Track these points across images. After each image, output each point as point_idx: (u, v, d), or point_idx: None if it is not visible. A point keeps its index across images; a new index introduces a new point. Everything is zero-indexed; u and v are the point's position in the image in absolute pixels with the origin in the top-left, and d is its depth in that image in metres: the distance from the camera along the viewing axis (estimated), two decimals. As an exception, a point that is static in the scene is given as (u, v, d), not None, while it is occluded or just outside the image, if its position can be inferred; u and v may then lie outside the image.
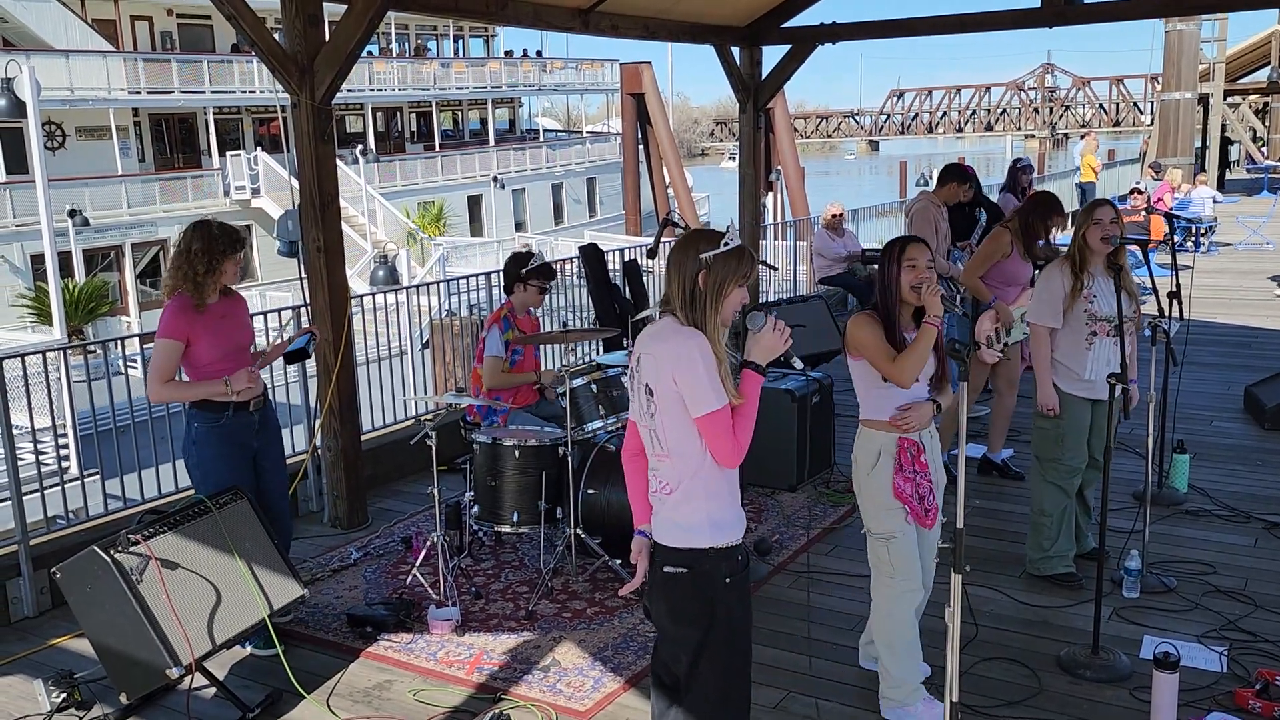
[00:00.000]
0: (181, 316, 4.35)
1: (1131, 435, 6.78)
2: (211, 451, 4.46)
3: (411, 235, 28.92)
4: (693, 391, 2.82)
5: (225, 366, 4.43)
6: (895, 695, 3.91)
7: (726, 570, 2.91)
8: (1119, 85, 62.79)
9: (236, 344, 4.54)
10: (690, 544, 2.91)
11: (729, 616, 2.93)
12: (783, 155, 26.55)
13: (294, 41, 5.73)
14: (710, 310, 2.85)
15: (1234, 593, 4.89)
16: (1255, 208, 20.63)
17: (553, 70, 42.57)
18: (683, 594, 2.94)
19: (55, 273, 12.08)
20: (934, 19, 9.04)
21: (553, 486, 5.23)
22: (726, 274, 2.85)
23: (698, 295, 2.85)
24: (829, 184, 58.97)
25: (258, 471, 4.63)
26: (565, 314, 9.96)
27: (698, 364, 2.80)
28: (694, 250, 2.87)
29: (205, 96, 29.42)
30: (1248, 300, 12.27)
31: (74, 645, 4.75)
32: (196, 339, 4.37)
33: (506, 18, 7.22)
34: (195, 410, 4.45)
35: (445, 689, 4.32)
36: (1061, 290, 4.79)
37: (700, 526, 2.91)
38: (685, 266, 2.87)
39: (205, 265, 4.34)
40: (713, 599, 2.91)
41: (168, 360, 4.34)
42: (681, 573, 2.92)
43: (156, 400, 4.54)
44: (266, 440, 4.66)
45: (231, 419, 4.46)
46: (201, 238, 4.37)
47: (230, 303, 4.58)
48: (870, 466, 3.87)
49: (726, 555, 2.92)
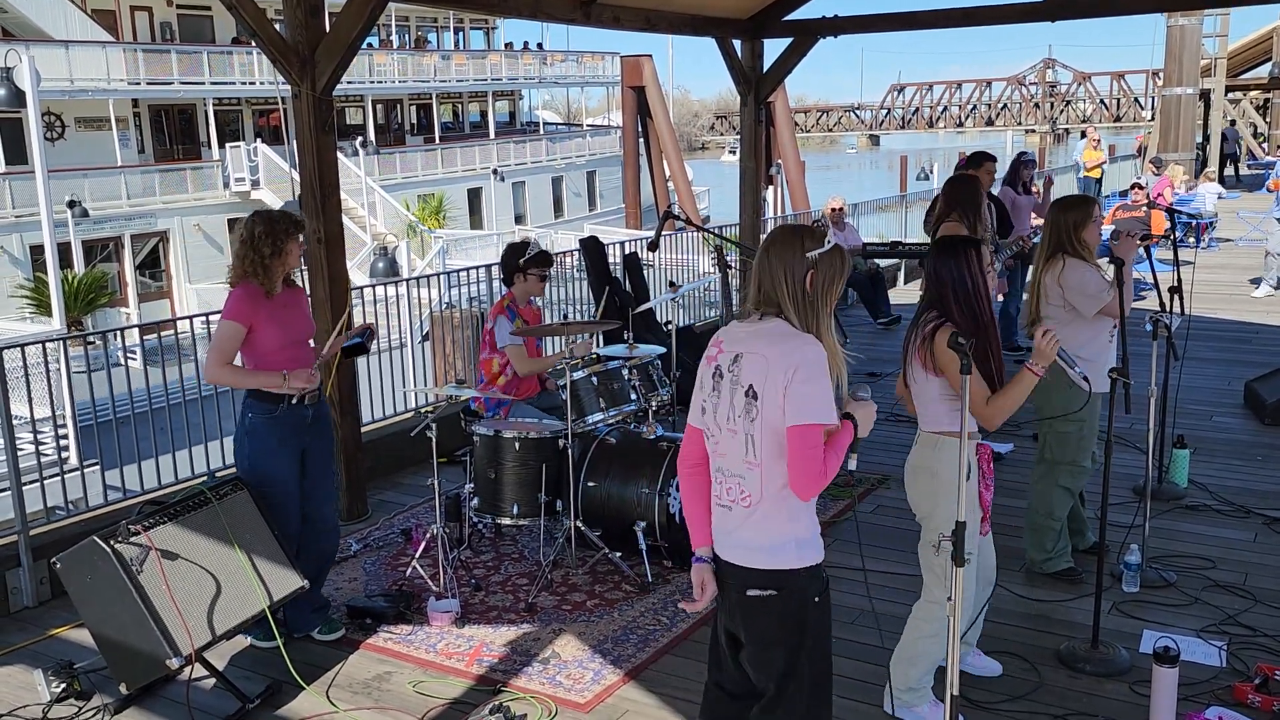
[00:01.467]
0: (247, 301, 4.32)
1: (1131, 430, 6.77)
2: (263, 444, 4.43)
3: (411, 227, 28.90)
4: (802, 398, 2.65)
5: (285, 356, 4.40)
6: (906, 698, 3.89)
7: (816, 589, 2.80)
8: (1120, 80, 62.77)
9: (298, 336, 4.51)
10: (777, 565, 2.76)
11: (818, 632, 2.83)
12: (783, 149, 26.55)
13: (295, 32, 5.71)
14: (823, 311, 2.75)
15: (1233, 587, 4.89)
16: (1256, 203, 20.61)
17: (553, 63, 42.49)
18: (772, 617, 2.79)
19: (54, 264, 12.07)
20: (936, 12, 9.02)
21: (553, 479, 5.23)
22: (833, 273, 2.75)
23: (807, 297, 2.73)
24: (829, 178, 58.90)
25: (305, 465, 4.58)
26: (566, 306, 9.96)
27: (820, 375, 2.67)
28: (800, 248, 2.74)
29: (205, 88, 29.36)
30: (1248, 296, 12.26)
31: (74, 635, 4.75)
32: (260, 326, 4.34)
33: (507, 9, 7.21)
34: (252, 400, 4.42)
35: (445, 681, 4.32)
36: (1104, 278, 4.65)
37: (787, 545, 2.76)
38: (793, 266, 2.73)
39: (270, 247, 4.31)
40: (804, 619, 2.79)
41: (230, 342, 4.32)
42: (770, 595, 2.77)
43: (211, 380, 4.52)
44: (316, 434, 4.61)
45: (286, 411, 4.42)
46: (263, 221, 4.36)
47: (294, 293, 4.55)
48: (965, 474, 3.58)
49: (814, 573, 2.81)
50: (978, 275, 3.63)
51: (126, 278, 26.56)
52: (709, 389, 2.84)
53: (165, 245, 27.58)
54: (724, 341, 2.84)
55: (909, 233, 17.01)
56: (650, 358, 5.80)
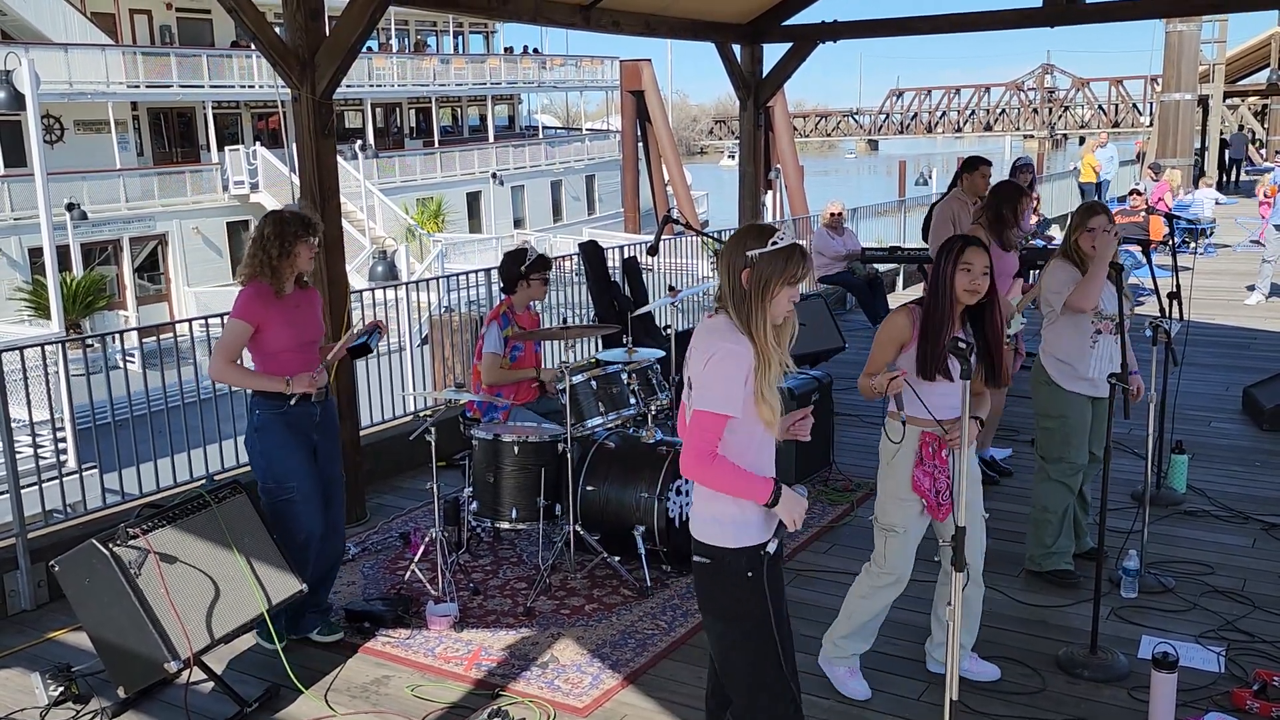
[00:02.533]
0: (257, 301, 4.31)
1: (1130, 435, 6.79)
2: (276, 439, 4.41)
3: (410, 231, 28.90)
4: (705, 386, 2.81)
5: (292, 358, 4.39)
6: (828, 649, 4.18)
7: (748, 565, 2.90)
8: (1118, 86, 62.84)
9: (307, 338, 4.50)
10: (711, 540, 2.92)
11: (751, 610, 2.92)
12: (782, 154, 26.55)
13: (295, 35, 5.72)
14: (756, 309, 2.80)
15: (1232, 593, 4.90)
16: (1254, 209, 20.63)
17: (552, 67, 42.53)
18: (706, 584, 2.97)
19: (53, 266, 12.06)
20: (935, 18, 9.04)
21: (552, 483, 5.23)
22: (772, 273, 2.78)
23: (744, 294, 2.81)
24: (828, 183, 58.95)
25: (318, 466, 4.56)
26: (565, 311, 9.96)
27: (727, 367, 2.78)
28: (742, 246, 2.82)
29: (204, 91, 29.38)
30: (1245, 302, 12.26)
31: (71, 639, 4.74)
32: (268, 325, 4.33)
33: (507, 13, 7.21)
34: (259, 398, 4.40)
35: (443, 685, 4.31)
36: (1074, 279, 4.74)
37: (721, 523, 2.90)
38: (733, 262, 2.83)
39: (278, 249, 4.30)
40: (734, 593, 2.92)
41: (236, 341, 4.31)
42: (705, 563, 2.95)
43: (215, 378, 4.52)
44: (324, 434, 4.60)
45: (294, 408, 4.40)
46: (273, 222, 4.35)
47: (305, 295, 4.53)
48: (890, 457, 3.92)
49: (747, 552, 2.90)
50: (949, 271, 3.74)
51: (125, 280, 26.56)
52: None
53: (164, 248, 27.58)
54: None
55: (907, 237, 17.02)
56: (649, 362, 5.80)
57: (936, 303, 3.77)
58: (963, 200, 7.18)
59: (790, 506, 2.86)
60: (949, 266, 3.74)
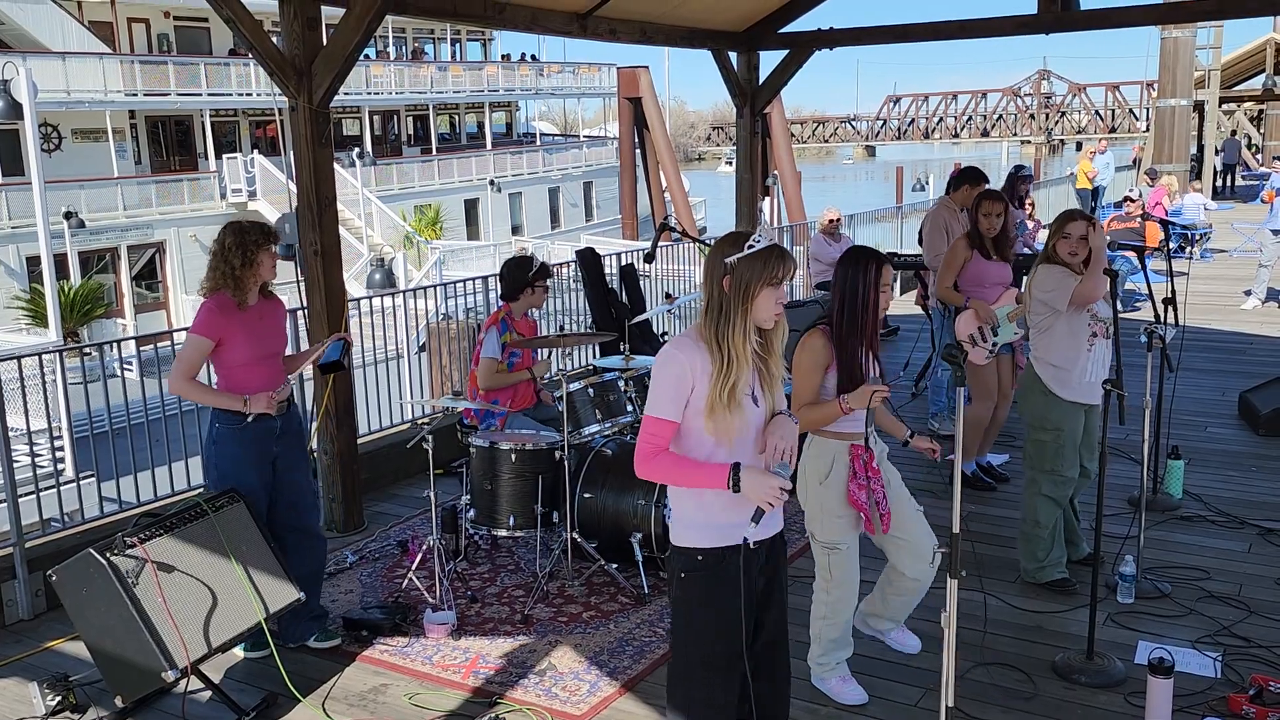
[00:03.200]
0: (218, 314, 4.33)
1: (1126, 441, 6.80)
2: (231, 453, 4.44)
3: (408, 238, 28.92)
4: (651, 391, 2.89)
5: (255, 371, 4.41)
6: (815, 668, 4.21)
7: (681, 565, 2.97)
8: (1115, 92, 62.97)
9: (270, 350, 4.51)
10: (672, 536, 3.03)
11: (682, 610, 3.00)
12: (779, 160, 26.61)
13: (292, 45, 5.73)
14: (737, 314, 2.81)
15: (1228, 598, 4.90)
16: (1250, 214, 20.68)
17: (550, 74, 42.57)
18: (667, 569, 3.11)
19: (51, 275, 12.07)
20: (931, 25, 9.07)
21: (549, 490, 5.24)
22: (752, 276, 2.80)
23: (724, 300, 2.82)
24: (825, 189, 59.00)
25: (278, 475, 4.58)
26: (562, 318, 9.96)
27: (667, 372, 2.83)
28: (720, 254, 2.84)
29: (202, 99, 29.39)
30: (1242, 307, 12.29)
31: (69, 648, 4.74)
32: (231, 338, 4.35)
33: (504, 21, 7.23)
34: (218, 411, 4.43)
35: (441, 693, 4.31)
36: (1069, 283, 4.71)
37: (676, 522, 3.01)
38: (713, 271, 2.85)
39: (241, 259, 4.33)
40: (672, 585, 3.02)
41: (195, 355, 4.33)
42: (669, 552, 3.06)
43: (174, 393, 4.53)
44: (287, 445, 4.60)
45: (253, 422, 4.43)
46: (234, 232, 4.37)
47: (269, 305, 4.55)
48: (823, 476, 3.94)
49: (684, 553, 2.96)
50: (872, 283, 3.74)
51: (123, 289, 26.55)
52: None
53: (162, 256, 27.57)
54: None
55: (905, 244, 17.03)
56: (646, 369, 5.81)
57: (856, 322, 3.76)
58: (952, 209, 7.23)
59: (757, 487, 2.74)
60: (870, 290, 3.75)
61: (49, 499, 5.87)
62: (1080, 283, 4.67)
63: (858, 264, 3.78)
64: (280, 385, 4.50)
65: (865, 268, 3.76)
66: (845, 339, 3.77)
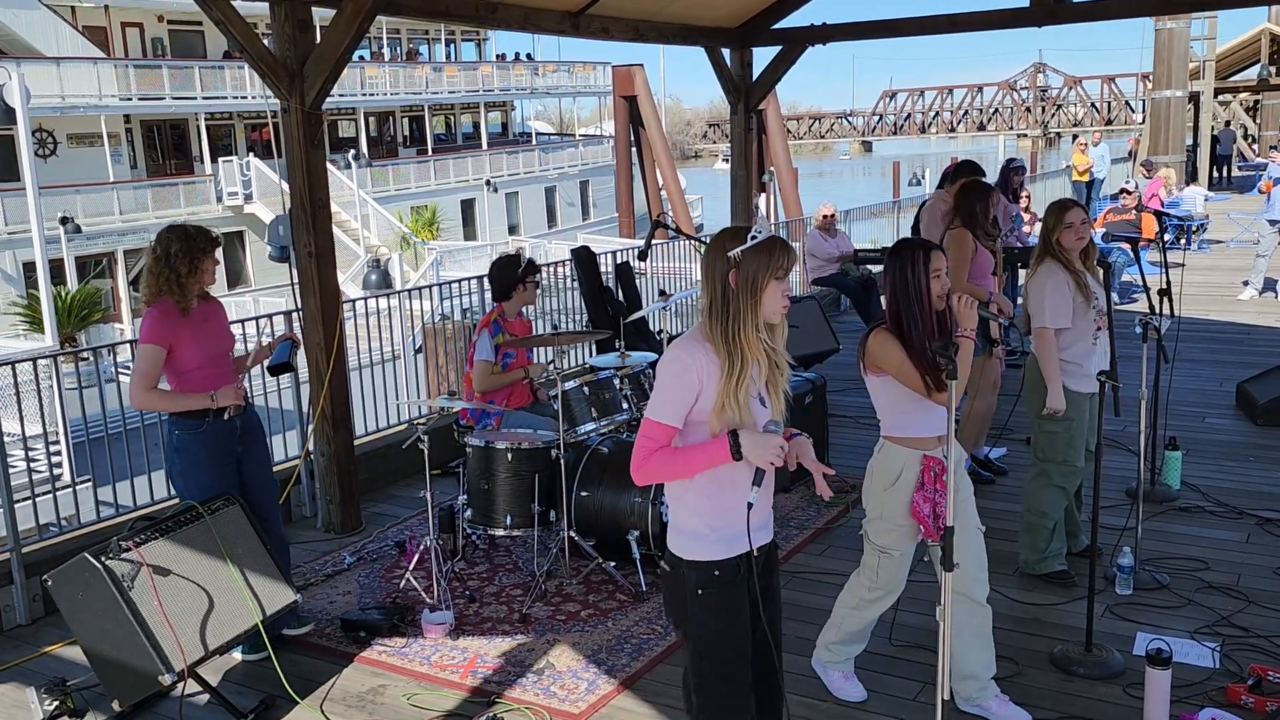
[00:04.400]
0: (164, 321, 4.33)
1: (1124, 432, 6.80)
2: (194, 458, 4.45)
3: (405, 239, 28.91)
4: (653, 393, 2.81)
5: (208, 373, 4.42)
6: (822, 654, 4.17)
7: (697, 582, 2.84)
8: (1110, 84, 62.98)
9: (219, 349, 4.53)
10: (673, 547, 2.91)
11: (701, 628, 2.88)
12: (775, 156, 26.60)
13: (284, 47, 5.72)
14: (746, 309, 2.72)
15: (1226, 588, 4.90)
16: (1246, 205, 20.69)
17: (545, 73, 42.56)
18: (667, 590, 2.98)
19: (47, 280, 12.05)
20: (924, 19, 9.06)
21: (546, 489, 5.23)
22: (758, 268, 2.71)
23: (730, 296, 2.73)
24: (822, 185, 59.02)
25: (242, 476, 4.61)
26: (557, 317, 9.96)
27: (670, 373, 2.75)
28: (722, 249, 2.75)
29: (197, 102, 29.39)
30: (1239, 297, 12.29)
31: (67, 653, 4.74)
32: (180, 344, 4.36)
33: (496, 21, 7.23)
34: (175, 418, 4.44)
35: (439, 693, 4.31)
36: (1069, 290, 4.71)
37: (679, 533, 2.89)
38: (715, 268, 2.75)
39: (187, 265, 4.33)
40: (685, 605, 2.88)
41: (151, 366, 4.32)
42: (666, 570, 2.94)
43: (139, 407, 4.55)
44: (248, 445, 4.63)
45: (211, 426, 4.45)
46: (179, 239, 4.36)
47: (209, 307, 4.56)
48: (890, 483, 3.78)
49: (699, 568, 2.84)
50: (921, 277, 3.62)
51: (120, 293, 26.53)
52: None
53: (156, 261, 27.52)
54: None
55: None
56: (642, 367, 5.81)
57: (916, 315, 3.63)
58: (948, 202, 7.21)
59: (758, 449, 2.68)
60: (921, 275, 3.61)
61: (45, 504, 5.87)
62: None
63: (904, 256, 3.65)
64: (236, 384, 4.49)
65: (913, 258, 3.62)
66: (908, 336, 3.63)
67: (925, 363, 3.60)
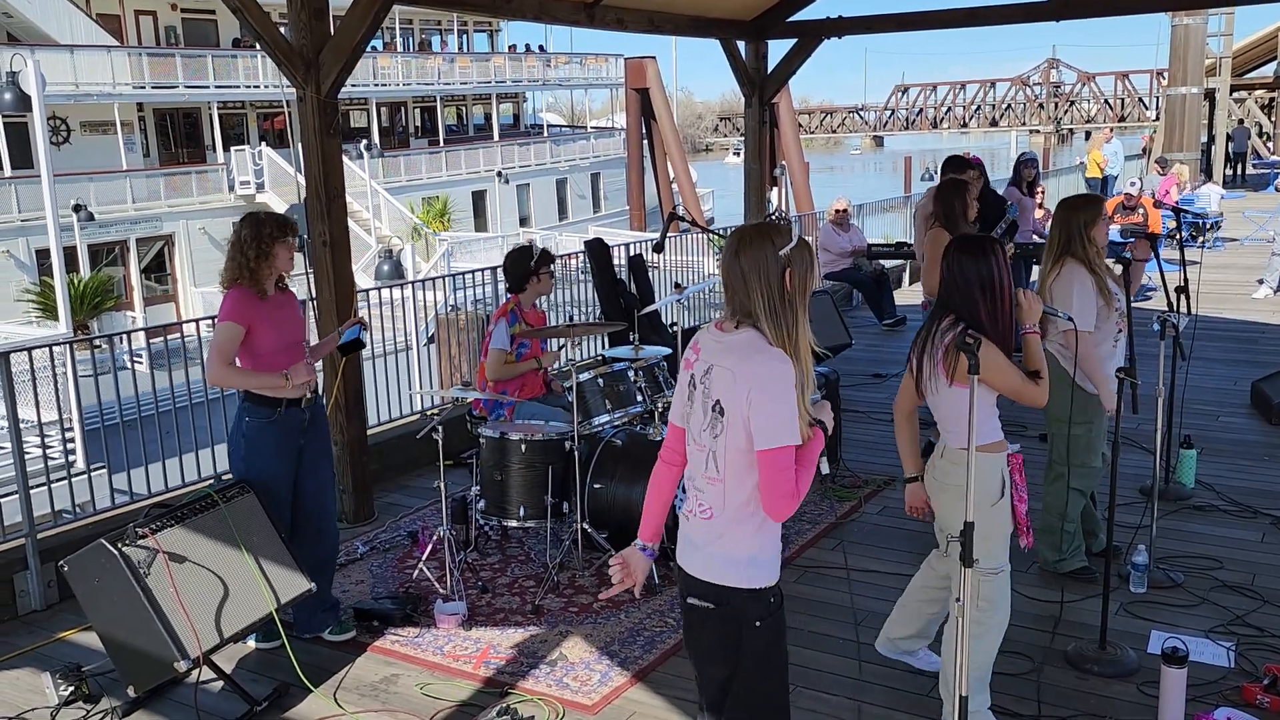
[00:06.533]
0: (243, 302, 4.35)
1: (1138, 431, 6.77)
2: (259, 447, 4.45)
3: (416, 230, 28.93)
4: (768, 421, 2.54)
5: (282, 358, 4.41)
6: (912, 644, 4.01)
7: (757, 613, 2.67)
8: (1124, 80, 62.62)
9: (291, 338, 4.52)
10: (719, 579, 2.67)
11: (760, 659, 2.70)
12: (787, 150, 26.54)
13: (300, 35, 5.72)
14: (800, 312, 2.59)
15: (1241, 588, 4.88)
16: (1261, 203, 20.58)
17: (557, 65, 42.52)
18: (709, 631, 2.73)
19: (60, 267, 12.07)
20: (941, 13, 9.02)
21: (559, 481, 5.23)
22: (806, 267, 2.59)
23: (786, 298, 2.57)
24: (833, 179, 58.92)
25: (302, 467, 4.59)
26: (571, 309, 9.95)
27: (786, 395, 2.53)
28: (770, 247, 2.57)
29: (209, 91, 29.43)
30: (1254, 295, 12.22)
31: (81, 638, 4.76)
32: (256, 326, 4.36)
33: (511, 11, 7.22)
34: (249, 404, 4.44)
35: (452, 683, 4.32)
36: (1093, 293, 4.62)
37: (737, 564, 2.66)
38: (767, 268, 2.55)
39: (255, 251, 4.34)
40: (739, 640, 2.69)
41: (229, 343, 4.33)
42: (708, 608, 2.70)
43: (215, 383, 4.56)
44: (313, 437, 4.62)
45: (283, 415, 4.44)
46: (250, 226, 4.38)
47: (285, 296, 4.56)
48: (998, 496, 3.58)
49: (758, 597, 2.67)
50: (1005, 272, 3.47)
51: (132, 281, 26.62)
52: (685, 396, 2.77)
53: (170, 249, 27.64)
54: (700, 349, 2.73)
55: (913, 233, 16.99)
56: (656, 359, 5.80)
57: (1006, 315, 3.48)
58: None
59: (828, 417, 2.68)
60: (1004, 273, 3.44)
61: (60, 490, 5.89)
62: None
63: (976, 254, 3.47)
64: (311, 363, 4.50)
65: (985, 252, 3.47)
66: (1003, 335, 3.47)
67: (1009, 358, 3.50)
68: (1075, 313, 4.47)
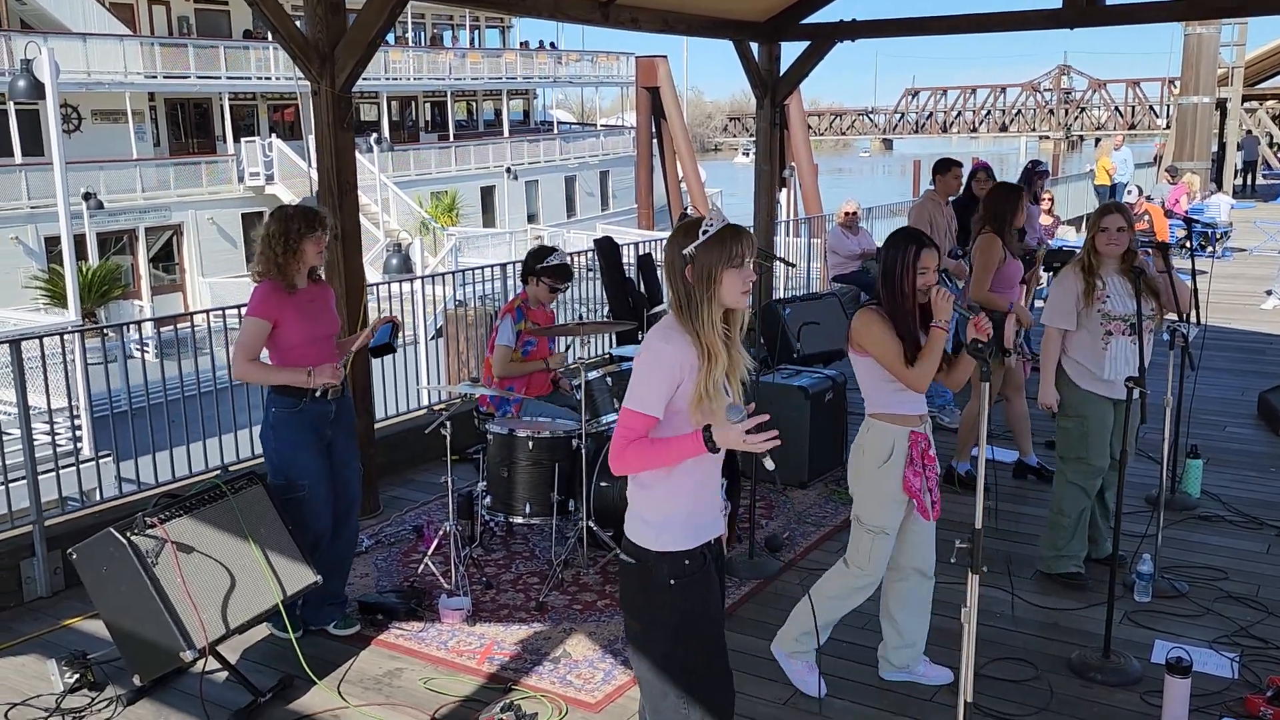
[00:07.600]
0: (271, 298, 4.35)
1: (1145, 440, 6.76)
2: (290, 437, 4.45)
3: (425, 225, 28.95)
4: (631, 383, 2.79)
5: (310, 352, 4.41)
6: (790, 646, 4.15)
7: (670, 572, 2.82)
8: (1135, 88, 62.48)
9: (321, 332, 4.52)
10: (637, 539, 2.86)
11: (670, 617, 2.84)
12: (796, 152, 26.49)
13: (315, 28, 5.73)
14: (704, 303, 2.74)
15: (1246, 599, 4.88)
16: (1271, 213, 20.53)
17: (568, 62, 42.52)
18: (628, 585, 2.91)
19: (71, 255, 12.12)
20: (953, 18, 9.00)
21: (565, 478, 5.24)
22: (713, 262, 2.72)
23: (690, 291, 2.75)
24: (842, 181, 58.84)
25: (331, 461, 4.59)
26: (580, 307, 9.96)
27: (650, 364, 2.76)
28: (677, 246, 2.78)
29: (221, 82, 29.47)
30: (1262, 306, 12.20)
31: (88, 626, 4.77)
32: (284, 320, 4.36)
33: (525, 8, 7.22)
34: (275, 395, 4.44)
35: (456, 678, 4.33)
36: (1074, 292, 4.82)
37: (648, 524, 2.85)
38: (674, 264, 2.78)
39: (283, 246, 4.34)
40: (653, 597, 2.85)
41: (254, 339, 4.34)
42: (630, 563, 2.88)
43: (239, 378, 4.56)
44: (340, 431, 4.62)
45: (309, 406, 4.44)
46: (277, 220, 4.38)
47: (318, 289, 4.56)
48: (882, 460, 3.89)
49: (670, 559, 2.82)
50: (909, 266, 3.77)
51: (140, 270, 26.67)
52: None
53: (179, 238, 27.69)
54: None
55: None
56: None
57: (897, 302, 3.80)
58: (936, 201, 7.19)
59: (730, 437, 2.66)
60: (907, 272, 3.77)
61: (68, 477, 5.91)
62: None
63: (898, 246, 3.83)
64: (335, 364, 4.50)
65: (904, 250, 3.80)
66: (894, 315, 3.81)
67: (906, 344, 3.77)
68: (1046, 307, 4.93)
